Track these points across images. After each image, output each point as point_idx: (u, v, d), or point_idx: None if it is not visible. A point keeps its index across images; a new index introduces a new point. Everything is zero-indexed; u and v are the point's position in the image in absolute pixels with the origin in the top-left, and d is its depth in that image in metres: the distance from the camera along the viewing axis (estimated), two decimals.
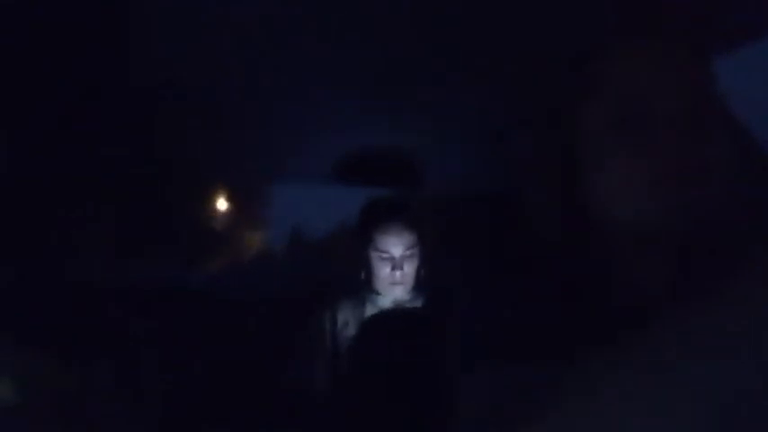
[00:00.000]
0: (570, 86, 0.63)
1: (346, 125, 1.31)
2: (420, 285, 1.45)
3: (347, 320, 1.43)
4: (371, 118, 1.27)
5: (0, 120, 1.06)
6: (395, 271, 1.39)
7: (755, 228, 0.58)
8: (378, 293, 1.43)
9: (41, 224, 1.27)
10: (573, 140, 0.61)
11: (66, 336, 0.95)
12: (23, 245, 1.18)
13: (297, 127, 1.30)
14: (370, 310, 1.43)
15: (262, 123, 1.29)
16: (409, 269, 1.41)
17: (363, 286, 1.46)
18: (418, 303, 1.44)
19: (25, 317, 0.93)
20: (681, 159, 0.55)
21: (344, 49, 0.92)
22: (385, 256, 1.40)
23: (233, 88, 1.08)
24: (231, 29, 0.85)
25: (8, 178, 1.12)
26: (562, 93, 0.64)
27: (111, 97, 1.11)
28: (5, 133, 1.09)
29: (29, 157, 1.19)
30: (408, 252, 1.41)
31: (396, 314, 1.04)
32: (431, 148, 1.47)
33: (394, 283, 1.40)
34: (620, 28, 0.69)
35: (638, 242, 0.59)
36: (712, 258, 0.57)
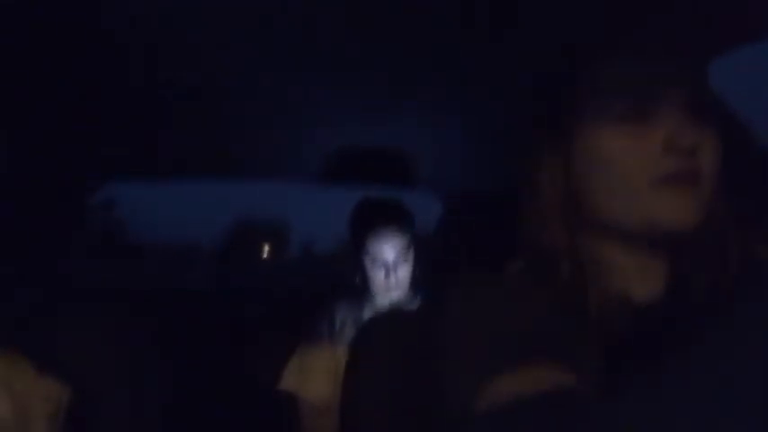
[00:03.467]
0: (570, 86, 0.63)
1: (346, 125, 1.31)
2: (416, 286, 1.44)
3: (345, 321, 1.42)
4: (371, 118, 1.27)
5: (0, 120, 1.06)
6: (389, 276, 1.38)
7: (756, 225, 0.58)
8: (374, 296, 1.42)
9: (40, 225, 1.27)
10: (573, 140, 0.61)
11: (65, 338, 0.95)
12: (22, 245, 1.19)
13: (295, 126, 1.30)
14: (367, 312, 1.42)
15: (261, 123, 1.29)
16: (403, 273, 1.39)
17: (359, 290, 1.45)
18: (415, 305, 1.44)
19: (22, 320, 0.93)
20: (681, 159, 0.55)
21: (344, 48, 0.92)
22: (378, 261, 1.38)
23: (232, 88, 1.08)
24: (231, 29, 0.85)
25: (8, 178, 1.12)
26: (562, 92, 0.64)
27: (109, 97, 1.11)
28: (5, 133, 1.09)
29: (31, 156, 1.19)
30: (401, 256, 1.39)
31: (392, 316, 1.03)
32: (429, 147, 1.47)
33: (389, 288, 1.39)
34: (620, 27, 0.69)
35: (638, 242, 0.59)
36: (713, 257, 0.57)
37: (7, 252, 1.14)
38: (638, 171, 0.55)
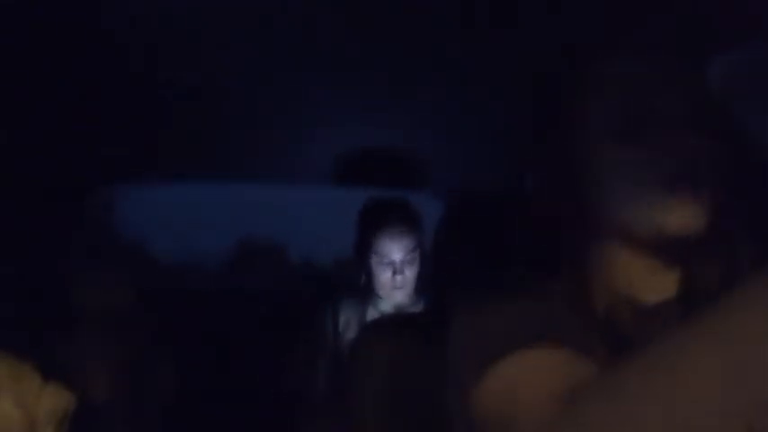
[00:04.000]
0: (572, 87, 0.63)
1: (346, 125, 1.31)
2: (421, 289, 1.44)
3: (349, 322, 1.42)
4: (371, 118, 1.27)
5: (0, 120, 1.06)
6: (396, 276, 1.38)
7: (756, 228, 0.58)
8: (379, 297, 1.43)
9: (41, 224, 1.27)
10: (573, 141, 0.61)
11: (67, 338, 0.95)
12: (23, 245, 1.19)
13: (297, 127, 1.30)
14: (371, 313, 1.42)
15: (261, 124, 1.29)
16: (410, 273, 1.40)
17: (364, 290, 1.45)
18: (419, 307, 1.43)
19: (22, 321, 0.93)
20: (683, 160, 0.54)
21: (344, 48, 0.92)
22: (385, 260, 1.39)
23: (232, 88, 1.08)
24: (231, 29, 0.85)
25: (8, 178, 1.12)
26: (564, 93, 0.64)
27: (109, 97, 1.11)
28: (5, 133, 1.09)
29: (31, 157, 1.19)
30: (409, 256, 1.40)
31: (395, 319, 1.03)
32: (429, 147, 1.47)
33: (395, 288, 1.39)
34: (620, 27, 0.69)
35: (641, 244, 0.58)
36: (719, 261, 0.57)
37: (7, 252, 1.14)
38: (639, 174, 0.55)
